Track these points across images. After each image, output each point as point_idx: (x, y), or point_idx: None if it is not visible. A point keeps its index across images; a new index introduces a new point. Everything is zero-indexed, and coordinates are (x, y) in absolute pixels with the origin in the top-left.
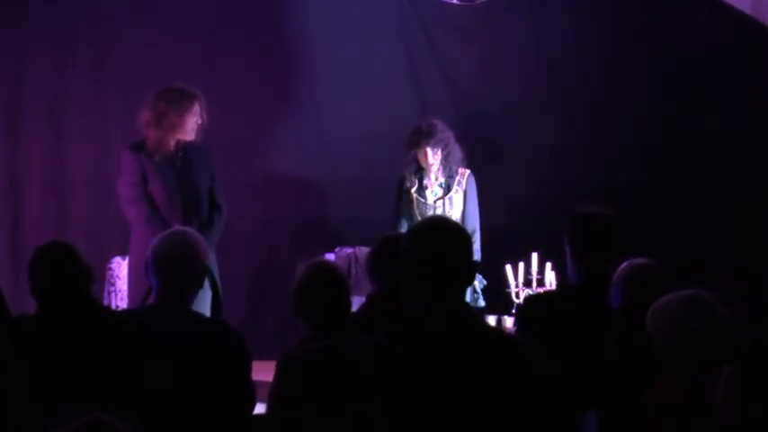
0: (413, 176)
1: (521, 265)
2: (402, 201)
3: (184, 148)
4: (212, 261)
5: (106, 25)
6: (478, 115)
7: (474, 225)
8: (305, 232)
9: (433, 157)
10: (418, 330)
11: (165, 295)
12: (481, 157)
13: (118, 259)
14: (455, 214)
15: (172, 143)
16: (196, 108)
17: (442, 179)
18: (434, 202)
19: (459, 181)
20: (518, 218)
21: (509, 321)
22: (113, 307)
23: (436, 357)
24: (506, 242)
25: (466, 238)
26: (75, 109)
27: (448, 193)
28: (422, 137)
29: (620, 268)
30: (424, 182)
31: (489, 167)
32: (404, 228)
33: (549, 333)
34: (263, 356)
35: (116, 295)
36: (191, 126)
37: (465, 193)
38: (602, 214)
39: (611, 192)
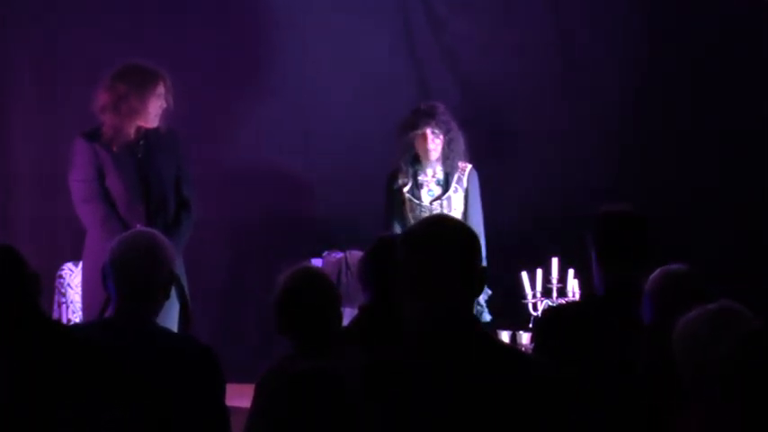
0: (408, 170)
1: (539, 273)
2: (393, 201)
3: (146, 135)
4: (180, 268)
5: (55, 8)
6: (486, 99)
7: (477, 230)
8: (287, 234)
9: (434, 142)
10: (417, 343)
11: (124, 307)
12: (489, 148)
13: (69, 266)
14: (455, 216)
15: (132, 131)
16: (160, 90)
17: (440, 174)
18: (430, 203)
19: (459, 177)
20: (534, 218)
21: (525, 337)
22: (64, 321)
23: (437, 371)
24: (521, 246)
25: (472, 238)
26: (19, 99)
27: (446, 192)
28: (421, 117)
29: (651, 277)
30: (420, 178)
31: (499, 159)
32: (396, 228)
33: (570, 350)
34: (239, 379)
35: (67, 308)
36: (154, 111)
37: (467, 191)
38: (631, 213)
39: (646, 187)
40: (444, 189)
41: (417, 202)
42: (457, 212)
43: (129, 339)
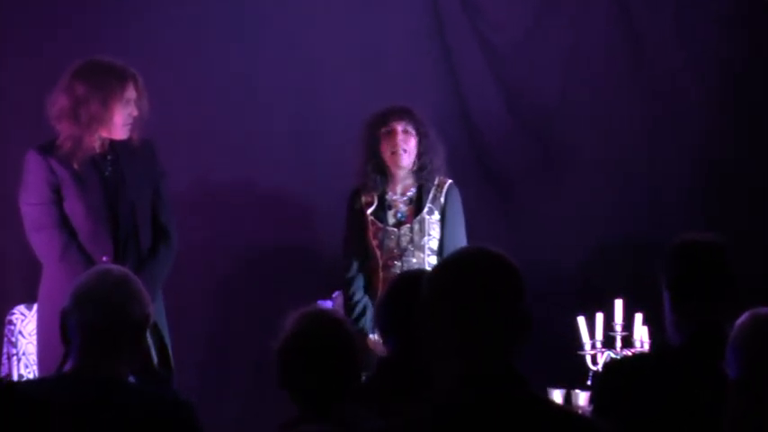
0: (373, 186)
1: (599, 318)
2: (354, 226)
3: (115, 149)
4: (158, 309)
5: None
6: (535, 104)
7: None
8: (289, 269)
9: (406, 143)
10: (448, 409)
11: (88, 359)
12: (538, 164)
13: (21, 309)
14: (431, 245)
15: (95, 143)
16: (129, 93)
17: (412, 191)
18: (398, 227)
19: (434, 196)
20: (594, 251)
21: (582, 397)
22: (15, 378)
23: None
24: (578, 285)
25: (516, 277)
26: None
27: (418, 214)
28: (392, 112)
29: (738, 322)
30: (387, 196)
31: (550, 178)
32: (353, 269)
33: (639, 412)
34: None
35: (19, 361)
36: (121, 120)
37: (443, 212)
38: (713, 245)
39: (735, 215)
40: (417, 210)
41: (382, 225)
42: (432, 240)
43: (93, 398)
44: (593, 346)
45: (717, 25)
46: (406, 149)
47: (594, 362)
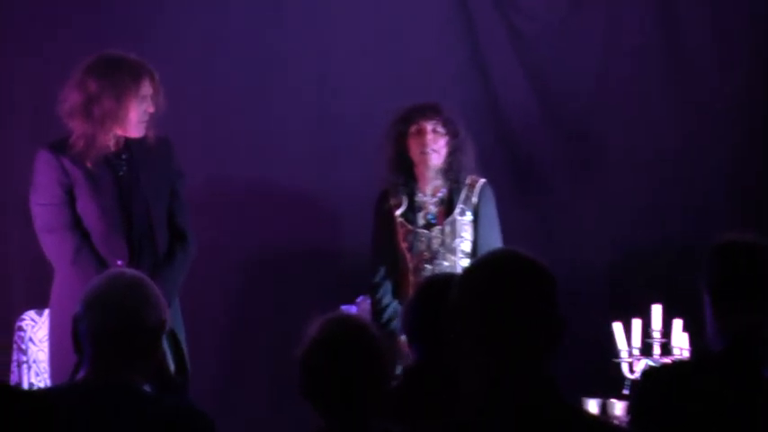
0: (400, 188)
1: (636, 324)
2: (382, 229)
3: (130, 148)
4: (175, 316)
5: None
6: (567, 98)
7: None
8: (310, 273)
9: (435, 143)
10: (478, 419)
11: (101, 366)
12: (572, 163)
13: (32, 315)
14: (463, 247)
15: (110, 141)
16: (145, 90)
17: (443, 192)
18: (429, 228)
19: (466, 196)
20: (630, 254)
21: (619, 407)
22: (25, 386)
23: None
24: (614, 290)
25: (547, 282)
26: None
27: (449, 215)
28: (419, 110)
29: None
30: (417, 197)
31: (584, 178)
32: (381, 273)
33: (678, 423)
34: None
35: (29, 369)
36: (137, 117)
37: (477, 212)
38: (756, 245)
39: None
40: (447, 211)
41: (412, 227)
42: (464, 242)
43: (106, 406)
44: (630, 354)
45: (754, 27)
46: (436, 149)
47: (631, 370)
